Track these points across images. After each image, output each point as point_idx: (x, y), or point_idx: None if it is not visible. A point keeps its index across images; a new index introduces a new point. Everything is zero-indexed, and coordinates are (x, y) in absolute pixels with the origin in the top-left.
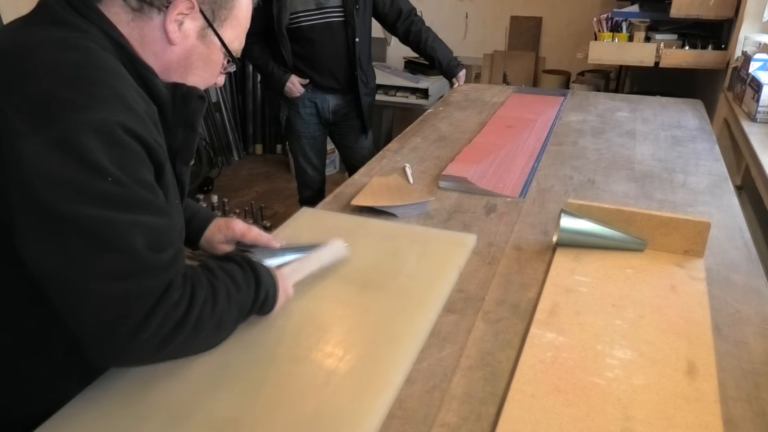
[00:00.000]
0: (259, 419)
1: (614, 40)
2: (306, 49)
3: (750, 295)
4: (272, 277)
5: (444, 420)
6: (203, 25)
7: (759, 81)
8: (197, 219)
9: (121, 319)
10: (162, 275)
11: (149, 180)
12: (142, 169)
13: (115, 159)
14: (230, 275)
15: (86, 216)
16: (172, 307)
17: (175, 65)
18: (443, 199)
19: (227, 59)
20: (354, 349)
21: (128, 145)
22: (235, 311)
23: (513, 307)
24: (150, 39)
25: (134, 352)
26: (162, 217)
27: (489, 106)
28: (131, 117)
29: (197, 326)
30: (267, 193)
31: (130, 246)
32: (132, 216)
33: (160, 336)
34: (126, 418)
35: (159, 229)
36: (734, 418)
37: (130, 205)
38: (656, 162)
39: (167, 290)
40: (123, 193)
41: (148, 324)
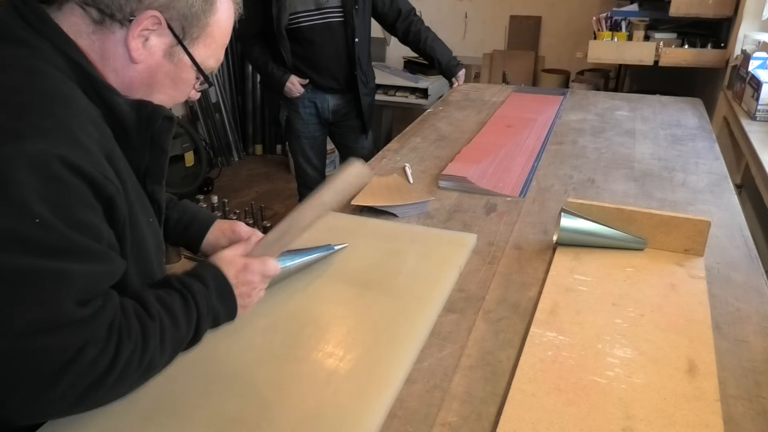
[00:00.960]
0: (259, 419)
1: (613, 39)
2: (305, 50)
3: (750, 293)
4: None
5: (445, 419)
6: (171, 43)
7: (758, 79)
8: (197, 222)
9: (29, 376)
10: (81, 331)
11: (88, 221)
12: (80, 208)
13: (48, 197)
14: (168, 310)
15: (3, 263)
16: (87, 366)
17: (137, 83)
18: (443, 199)
19: (200, 78)
20: (354, 349)
21: (67, 182)
22: (170, 349)
23: (513, 306)
24: (111, 54)
25: (40, 410)
26: (95, 264)
27: (488, 106)
28: (75, 149)
29: (121, 378)
30: (267, 193)
31: (51, 299)
32: (58, 264)
33: (74, 394)
34: (126, 418)
35: (88, 278)
36: (735, 416)
37: (57, 251)
38: (656, 161)
39: (83, 348)
40: (50, 237)
41: (56, 384)
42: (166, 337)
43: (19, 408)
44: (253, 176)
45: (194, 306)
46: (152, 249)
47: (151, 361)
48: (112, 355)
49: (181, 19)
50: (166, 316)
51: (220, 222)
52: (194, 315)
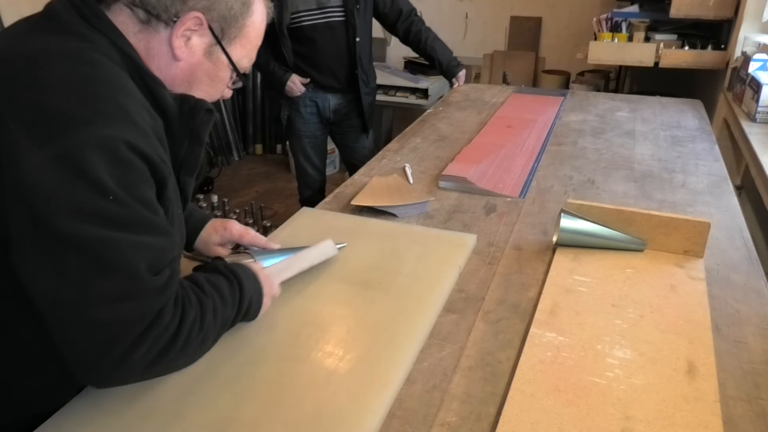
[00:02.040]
0: (259, 419)
1: (614, 40)
2: (307, 49)
3: (750, 294)
4: (257, 284)
5: (444, 420)
6: (211, 42)
7: (758, 81)
8: (193, 220)
9: (113, 343)
10: (158, 298)
11: (151, 198)
12: (144, 187)
13: (118, 177)
14: (218, 290)
15: (86, 235)
16: (163, 330)
17: (179, 80)
18: (443, 199)
19: (234, 76)
20: (354, 349)
21: (132, 163)
22: (220, 325)
23: (513, 307)
24: (156, 52)
25: (122, 374)
26: (161, 237)
27: (489, 106)
28: (136, 133)
29: (185, 346)
30: (267, 193)
31: (131, 268)
32: (133, 236)
33: (149, 358)
34: (126, 418)
35: (158, 249)
36: (734, 417)
37: (131, 225)
38: (656, 162)
39: (160, 313)
40: (124, 212)
41: (138, 347)
42: (218, 312)
43: (107, 372)
44: (253, 176)
45: (238, 290)
46: (178, 237)
47: (206, 332)
48: (179, 320)
49: (220, 20)
50: (216, 294)
51: (213, 220)
52: (237, 297)
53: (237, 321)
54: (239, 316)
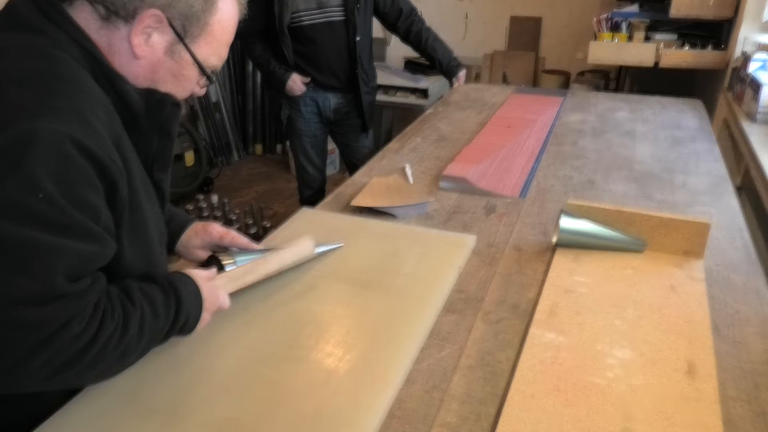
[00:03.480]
0: (259, 419)
1: (614, 40)
2: (307, 48)
3: (749, 295)
4: (197, 298)
5: (444, 420)
6: (173, 40)
7: (758, 81)
8: (174, 223)
9: (12, 346)
10: (68, 306)
11: (90, 201)
12: (84, 188)
13: (56, 174)
14: (150, 301)
15: (5, 232)
16: (70, 341)
17: (140, 78)
18: (443, 200)
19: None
20: (354, 349)
21: (75, 161)
22: (147, 338)
23: (513, 307)
24: (117, 49)
25: (17, 382)
26: (90, 244)
27: (489, 106)
28: (85, 131)
29: (97, 360)
30: (267, 193)
31: (45, 271)
32: (55, 239)
33: (50, 368)
34: (126, 418)
35: (82, 256)
36: (734, 418)
37: (56, 227)
38: (656, 162)
39: (68, 323)
40: (51, 212)
41: (36, 356)
42: (145, 325)
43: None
44: (253, 176)
45: (174, 302)
46: (155, 236)
47: (128, 345)
48: (93, 333)
49: (181, 18)
50: (147, 305)
51: (195, 223)
52: (173, 310)
53: (171, 335)
54: (173, 331)
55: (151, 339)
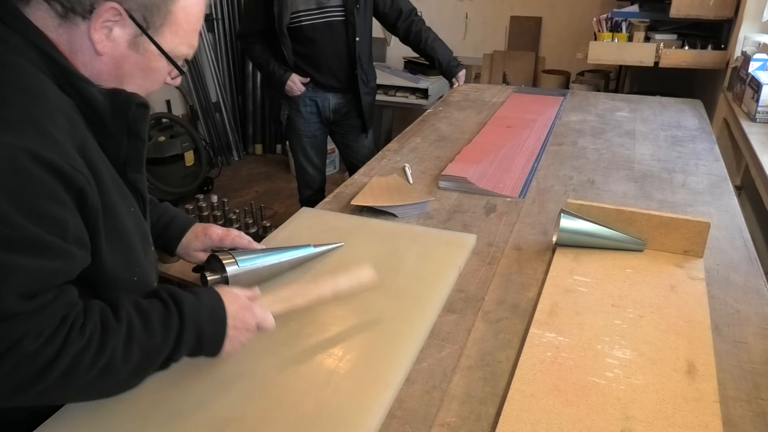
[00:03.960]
0: (259, 419)
1: (614, 40)
2: (307, 48)
3: (749, 295)
4: (215, 313)
5: (444, 420)
6: (135, 33)
7: (758, 81)
8: (174, 225)
9: None
10: (21, 324)
11: (52, 214)
12: (44, 202)
13: (10, 190)
14: (143, 316)
15: None
16: (28, 356)
17: (105, 75)
18: (443, 199)
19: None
20: (354, 349)
21: (32, 174)
22: (138, 356)
23: (513, 307)
24: (78, 47)
25: None
26: (50, 260)
27: (489, 106)
28: (42, 141)
29: (69, 374)
30: (267, 193)
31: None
32: (9, 256)
33: (11, 384)
34: (126, 418)
35: (40, 272)
36: (734, 418)
37: (10, 244)
38: (656, 162)
39: (20, 340)
40: (3, 230)
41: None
42: (134, 342)
43: None
44: (253, 176)
45: (177, 317)
46: (135, 238)
47: (109, 363)
48: (57, 349)
49: (141, 9)
50: (138, 320)
51: (195, 225)
52: (175, 326)
53: (181, 354)
54: (182, 349)
55: (146, 357)
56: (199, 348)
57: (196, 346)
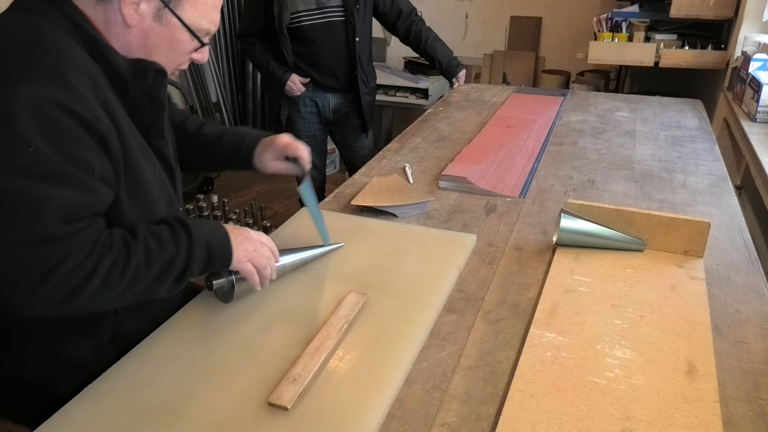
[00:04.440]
0: (259, 419)
1: (614, 40)
2: (307, 49)
3: (750, 295)
4: (217, 229)
5: (444, 420)
6: (158, 6)
7: (759, 81)
8: (245, 144)
9: (20, 281)
10: (63, 244)
11: (79, 154)
12: (71, 143)
13: (42, 131)
14: (155, 235)
15: (7, 179)
16: (69, 272)
17: (135, 46)
18: (443, 199)
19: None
20: (354, 349)
21: (59, 119)
22: (159, 266)
23: (513, 307)
24: (112, 21)
25: (36, 306)
26: (81, 192)
27: (489, 106)
28: (66, 93)
29: (105, 285)
30: (267, 193)
31: (38, 216)
32: (47, 187)
33: (60, 295)
34: (125, 418)
35: (74, 202)
36: (734, 418)
37: (47, 176)
38: (656, 162)
39: (66, 257)
40: (41, 164)
41: (44, 285)
42: (152, 255)
43: (17, 305)
44: (253, 176)
45: (184, 233)
46: (159, 200)
47: (135, 273)
48: (93, 265)
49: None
50: (152, 238)
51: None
52: (184, 240)
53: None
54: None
55: (165, 267)
56: (210, 259)
57: (207, 258)
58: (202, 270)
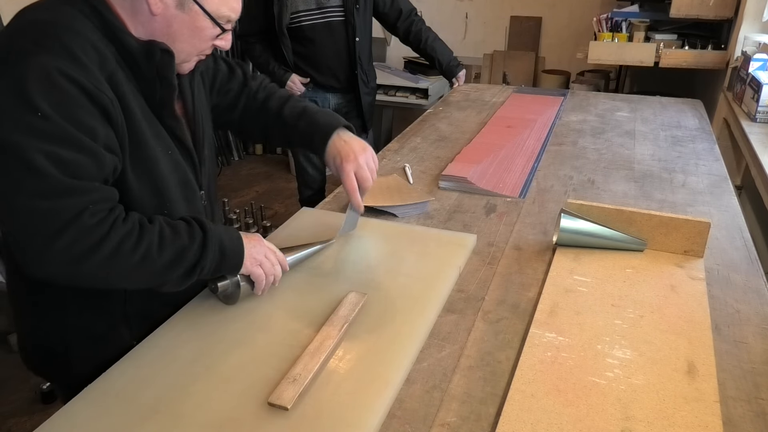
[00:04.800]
0: (259, 419)
1: (614, 40)
2: (307, 49)
3: (750, 295)
4: (230, 232)
5: (444, 420)
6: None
7: (759, 81)
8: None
9: (37, 230)
10: (74, 199)
11: (83, 120)
12: (77, 110)
13: (48, 98)
14: (171, 225)
15: (13, 141)
16: (86, 230)
17: (159, 33)
18: (443, 199)
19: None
20: (354, 349)
21: (63, 88)
22: (171, 253)
23: (513, 307)
24: (137, 9)
25: (50, 260)
26: (83, 155)
27: (489, 106)
28: (72, 65)
29: (115, 254)
30: (267, 193)
31: (47, 172)
32: (53, 148)
33: (73, 253)
34: (125, 418)
35: (78, 162)
36: (734, 418)
37: (52, 138)
38: (656, 162)
39: (80, 214)
40: (48, 127)
41: (58, 238)
42: (166, 240)
43: (32, 260)
44: (253, 176)
45: (200, 229)
46: (170, 179)
47: (147, 252)
48: (107, 229)
49: None
50: (167, 228)
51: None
52: (199, 235)
53: (207, 260)
54: (208, 257)
55: (177, 255)
56: (222, 259)
57: (220, 258)
58: (213, 269)
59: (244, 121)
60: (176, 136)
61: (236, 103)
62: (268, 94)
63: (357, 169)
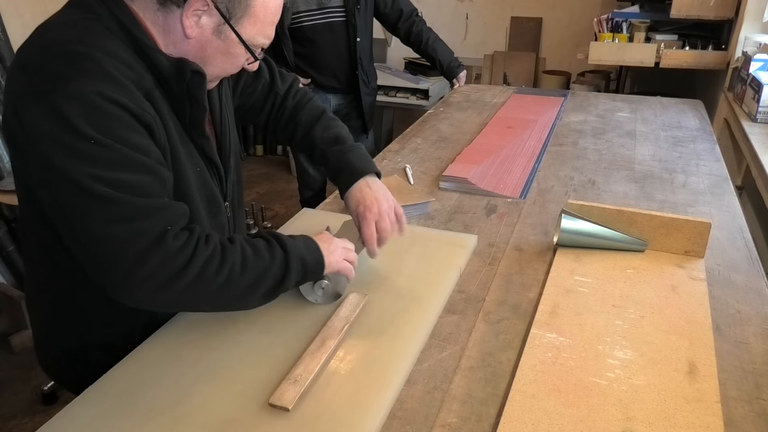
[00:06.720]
0: (259, 420)
1: (614, 40)
2: (307, 49)
3: (751, 295)
4: (309, 243)
5: (445, 421)
6: (219, 21)
7: (759, 81)
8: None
9: (119, 257)
10: (150, 219)
11: (133, 140)
12: (125, 131)
13: (95, 123)
14: (251, 244)
15: (76, 171)
16: (170, 255)
17: (191, 55)
18: (444, 200)
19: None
20: (355, 350)
21: (107, 111)
22: (253, 274)
23: (514, 307)
24: (171, 29)
25: (136, 288)
26: (144, 174)
27: (489, 107)
28: (111, 86)
29: (199, 279)
30: (268, 193)
31: (113, 197)
32: (113, 173)
33: (159, 278)
34: (126, 418)
35: (141, 183)
36: (735, 418)
37: (111, 162)
38: (657, 162)
39: (163, 236)
40: (104, 153)
41: (142, 264)
42: (248, 261)
43: (117, 286)
44: (254, 177)
45: (279, 248)
46: (198, 196)
47: (230, 274)
48: (190, 254)
49: (226, 1)
50: (248, 247)
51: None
52: (279, 254)
53: (291, 278)
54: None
55: (259, 276)
56: (305, 274)
57: (302, 273)
58: (295, 284)
59: (270, 125)
60: (205, 153)
61: (262, 106)
62: (297, 103)
63: (379, 220)
